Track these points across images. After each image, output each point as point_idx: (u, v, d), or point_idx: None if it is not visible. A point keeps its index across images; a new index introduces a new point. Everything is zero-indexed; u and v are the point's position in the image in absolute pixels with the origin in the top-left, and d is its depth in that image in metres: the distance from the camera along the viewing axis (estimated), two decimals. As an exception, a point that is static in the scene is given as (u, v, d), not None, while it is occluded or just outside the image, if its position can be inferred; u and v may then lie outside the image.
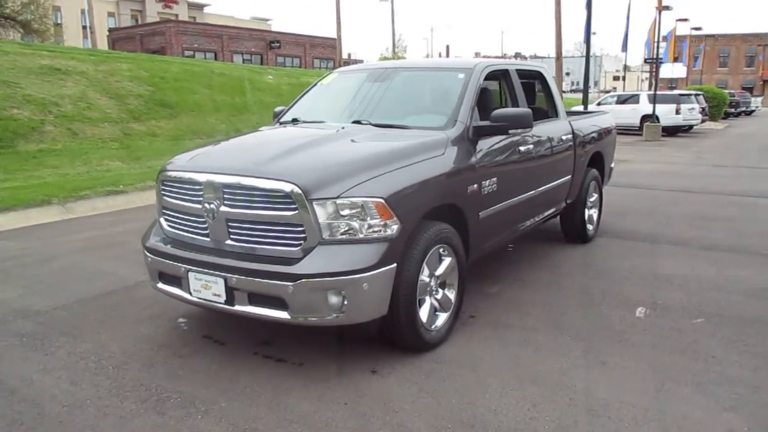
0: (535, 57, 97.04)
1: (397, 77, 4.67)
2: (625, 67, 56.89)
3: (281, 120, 4.82)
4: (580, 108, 13.88)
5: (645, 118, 21.33)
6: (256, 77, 21.35)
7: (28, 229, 7.46)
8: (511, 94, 4.81)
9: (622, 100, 23.55)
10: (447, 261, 3.78)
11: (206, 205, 3.42)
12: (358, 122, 4.23)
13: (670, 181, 10.68)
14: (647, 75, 56.93)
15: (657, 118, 21.03)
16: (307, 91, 5.14)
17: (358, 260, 3.16)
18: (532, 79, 5.55)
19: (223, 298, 3.35)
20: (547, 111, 5.52)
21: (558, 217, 6.14)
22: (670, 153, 16.13)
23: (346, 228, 3.19)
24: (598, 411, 2.99)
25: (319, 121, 4.46)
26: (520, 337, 3.90)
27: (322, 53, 48.10)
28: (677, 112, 21.67)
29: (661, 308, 4.39)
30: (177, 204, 3.63)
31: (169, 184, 3.68)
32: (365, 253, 3.19)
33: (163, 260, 3.65)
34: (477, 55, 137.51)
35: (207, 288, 3.41)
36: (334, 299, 3.16)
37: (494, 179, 4.17)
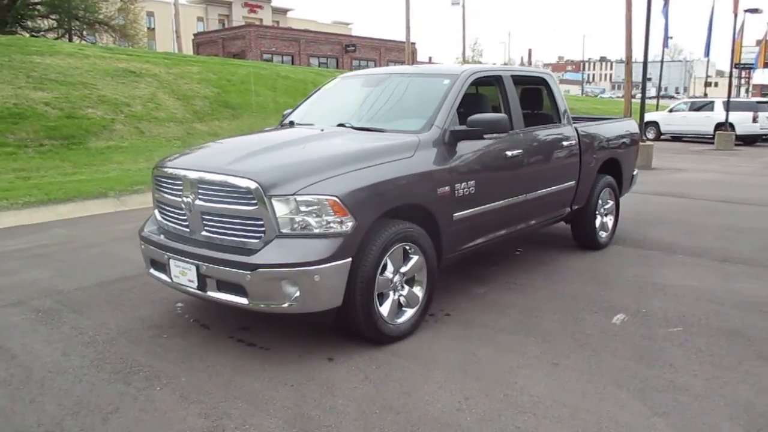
0: (620, 61, 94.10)
1: (388, 83, 4.87)
2: (718, 73, 54.21)
3: (283, 122, 5.13)
4: (607, 115, 13.53)
5: (719, 126, 20.36)
6: (319, 80, 21.95)
7: (82, 219, 8.15)
8: (504, 99, 4.90)
9: (696, 107, 22.55)
10: (414, 259, 3.95)
11: (185, 198, 3.76)
12: (342, 125, 4.47)
13: (720, 192, 10.27)
14: (742, 81, 53.97)
15: (732, 126, 20.04)
16: (311, 95, 5.42)
17: (311, 253, 3.39)
18: (536, 85, 5.60)
19: (195, 284, 3.67)
20: (549, 116, 5.55)
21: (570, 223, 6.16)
22: (736, 163, 15.39)
23: (302, 223, 3.43)
24: (527, 408, 3.09)
25: (310, 123, 4.73)
26: (486, 336, 4.00)
27: (397, 57, 48.58)
28: (754, 120, 20.55)
29: (643, 316, 4.37)
30: (164, 197, 3.99)
31: (159, 179, 4.05)
32: (318, 247, 3.41)
33: (153, 248, 4.02)
34: (560, 59, 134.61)
35: (183, 274, 3.74)
36: (288, 289, 3.40)
37: (472, 182, 4.29)
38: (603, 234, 6.27)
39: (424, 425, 2.92)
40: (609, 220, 6.37)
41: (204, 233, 3.72)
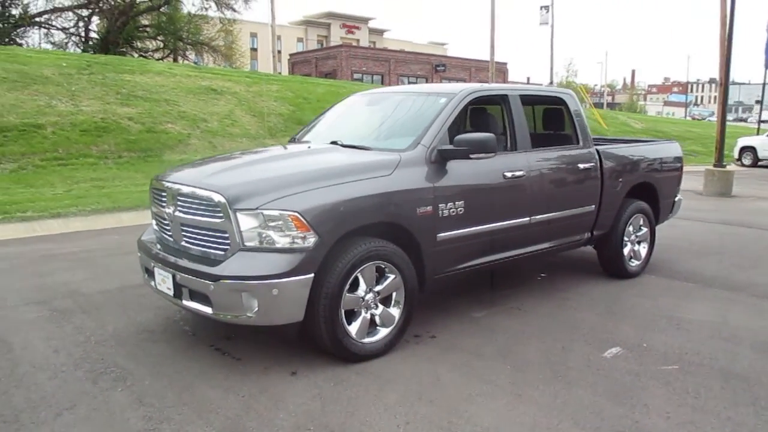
0: (734, 83, 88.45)
1: (390, 101, 4.89)
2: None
3: (292, 138, 5.25)
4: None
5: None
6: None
7: (140, 227, 8.63)
8: (509, 119, 4.78)
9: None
10: (390, 278, 3.92)
11: (167, 209, 3.94)
12: (334, 143, 4.52)
13: (800, 222, 9.42)
14: None
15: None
16: (325, 112, 5.52)
17: (270, 267, 3.45)
18: (553, 105, 5.41)
19: (172, 292, 3.82)
20: (567, 137, 5.34)
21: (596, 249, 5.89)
22: (835, 191, 14.06)
23: (265, 237, 3.50)
24: (465, 437, 2.98)
25: (306, 141, 4.82)
26: (462, 361, 3.89)
27: (487, 77, 48.26)
28: None
29: (641, 351, 4.09)
30: (156, 208, 4.19)
31: (153, 190, 4.26)
32: (278, 261, 3.47)
33: (145, 256, 4.22)
34: (666, 80, 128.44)
35: (164, 282, 3.90)
36: (248, 301, 3.48)
37: (460, 202, 4.21)
38: (635, 263, 5.93)
39: (351, 446, 2.89)
40: (642, 248, 6.02)
41: (183, 243, 3.88)
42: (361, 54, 43.20)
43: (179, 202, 3.83)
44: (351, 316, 3.81)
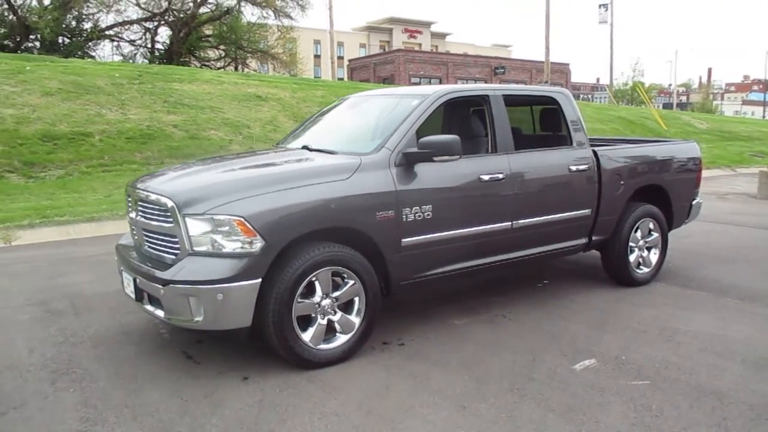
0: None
1: (368, 104, 4.82)
2: None
3: (278, 142, 5.27)
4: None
5: None
6: (445, 102, 21.98)
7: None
8: (490, 120, 4.62)
9: None
10: (349, 284, 3.85)
11: (131, 214, 4.02)
12: (305, 147, 4.50)
13: None
14: None
15: None
16: (314, 116, 5.50)
17: (215, 272, 3.45)
18: (544, 105, 5.19)
19: (134, 295, 3.89)
20: (560, 138, 5.11)
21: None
22: None
23: (212, 242, 3.50)
24: (389, 450, 2.88)
25: (283, 145, 4.81)
26: (421, 371, 3.77)
27: (549, 78, 47.18)
28: None
29: (616, 364, 3.85)
30: (128, 213, 4.28)
31: (126, 196, 4.36)
32: (223, 266, 3.46)
33: (118, 260, 4.32)
34: (745, 78, 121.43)
35: (128, 286, 3.98)
36: (195, 305, 3.49)
37: (428, 207, 4.09)
38: (643, 270, 5.61)
39: (268, 455, 2.85)
40: (652, 255, 5.68)
41: (145, 248, 3.94)
42: (418, 58, 43.20)
43: (140, 207, 3.90)
44: (308, 321, 3.77)
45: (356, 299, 3.91)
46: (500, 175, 4.48)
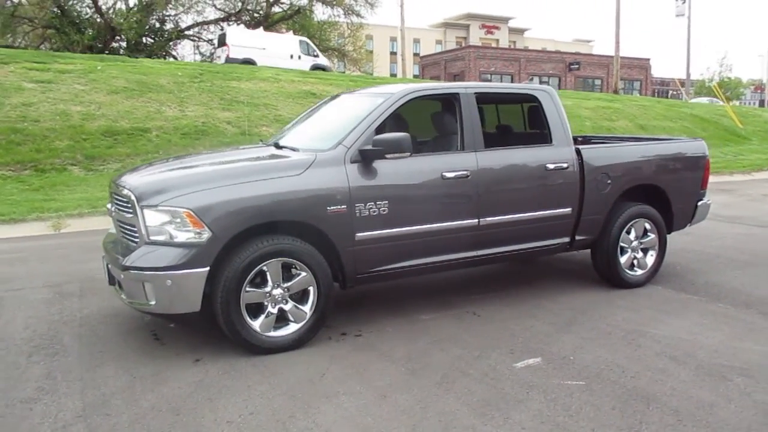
0: None
1: (344, 101, 4.97)
2: None
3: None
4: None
5: None
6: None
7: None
8: (459, 118, 4.66)
9: None
10: (301, 275, 4.03)
11: (109, 205, 4.36)
12: (275, 144, 4.71)
13: None
14: None
15: None
16: (303, 113, 5.70)
17: (164, 259, 3.72)
18: (523, 103, 5.16)
19: (107, 280, 4.24)
20: (540, 136, 5.07)
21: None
22: None
23: (165, 232, 3.77)
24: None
25: (257, 143, 5.05)
26: (362, 361, 3.90)
27: (628, 74, 45.41)
28: None
29: (561, 364, 3.84)
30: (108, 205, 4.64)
31: (108, 189, 4.71)
32: (172, 254, 3.72)
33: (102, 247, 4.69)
34: None
35: (105, 271, 4.33)
36: (148, 290, 3.77)
37: (384, 202, 4.20)
38: (638, 272, 5.47)
39: (180, 429, 3.07)
40: (648, 257, 5.52)
41: (120, 237, 4.27)
42: (489, 54, 42.69)
43: (115, 199, 4.24)
44: (260, 309, 3.98)
45: (311, 290, 4.08)
46: (465, 173, 4.52)
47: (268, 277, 3.95)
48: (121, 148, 12.77)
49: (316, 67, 26.06)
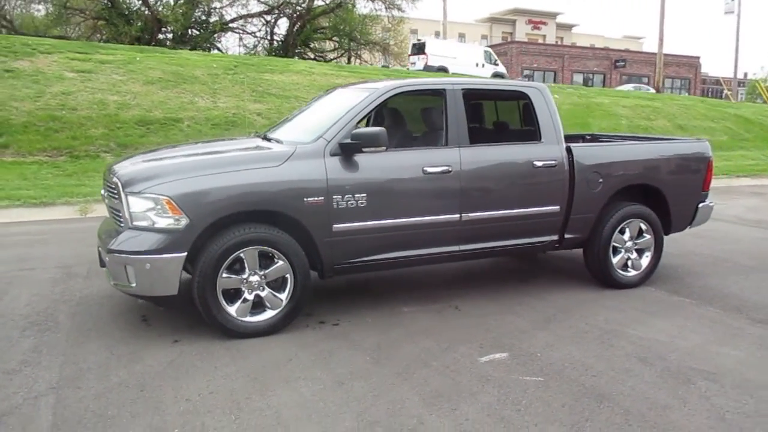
0: None
1: (334, 95, 5.07)
2: None
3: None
4: None
5: None
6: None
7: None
8: (445, 114, 4.70)
9: None
10: (278, 264, 4.17)
11: (102, 191, 4.57)
12: (264, 136, 4.84)
13: None
14: None
15: None
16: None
17: (144, 244, 3.90)
18: (513, 100, 5.15)
19: (99, 262, 4.46)
20: (530, 133, 5.06)
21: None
22: None
23: (147, 217, 3.95)
24: (232, 410, 3.17)
25: (267, 132, 5.20)
26: (331, 348, 4.00)
27: (676, 72, 44.13)
28: None
29: (526, 359, 3.87)
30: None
31: (103, 177, 4.92)
32: (151, 240, 3.90)
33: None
34: None
35: (99, 255, 4.55)
36: (130, 273, 3.96)
37: (362, 195, 4.29)
38: (632, 272, 5.42)
39: (140, 404, 3.23)
40: (643, 258, 5.46)
41: (112, 222, 4.49)
42: (533, 50, 42.11)
43: (107, 185, 4.44)
44: (237, 295, 4.13)
45: (288, 278, 4.21)
46: (447, 168, 4.57)
47: (246, 264, 4.10)
48: (153, 137, 13.17)
49: (495, 75, 29.53)
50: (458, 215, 4.64)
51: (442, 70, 26.77)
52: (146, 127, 13.41)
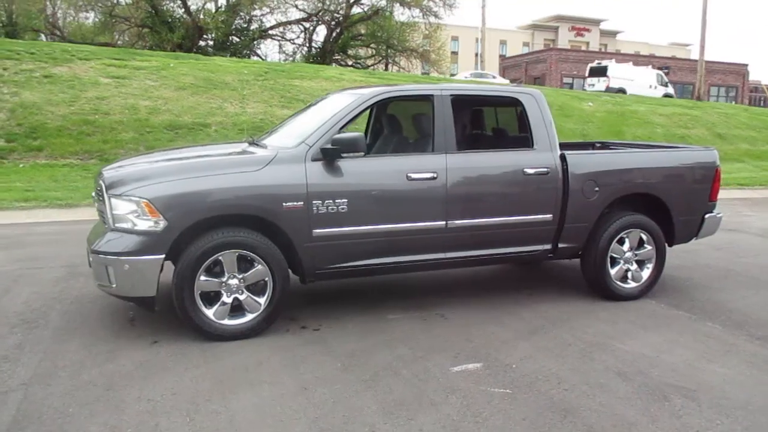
0: None
1: (324, 100, 5.08)
2: None
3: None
4: None
5: None
6: (573, 104, 21.07)
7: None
8: (432, 120, 4.66)
9: None
10: (256, 267, 4.19)
11: (93, 194, 4.69)
12: (251, 141, 4.89)
13: None
14: None
15: None
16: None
17: (123, 245, 3.98)
18: (507, 107, 5.06)
19: (88, 265, 4.56)
20: (518, 140, 4.97)
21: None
22: None
23: (128, 219, 4.03)
24: (188, 412, 3.19)
25: (240, 140, 5.24)
26: (306, 354, 3.99)
27: (721, 80, 42.72)
28: None
29: (499, 370, 3.79)
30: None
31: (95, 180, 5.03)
32: (129, 241, 3.98)
33: (93, 232, 5.04)
34: None
35: (87, 257, 4.66)
36: (110, 273, 4.05)
37: (343, 200, 4.28)
38: (631, 284, 5.26)
39: (102, 403, 3.29)
40: (644, 270, 5.29)
41: (103, 224, 4.59)
42: (572, 57, 41.42)
43: (97, 188, 4.55)
44: (217, 298, 4.17)
45: (267, 281, 4.23)
46: (433, 174, 4.52)
47: (224, 268, 4.13)
48: (181, 142, 13.44)
49: (665, 95, 32.52)
50: (444, 222, 4.59)
51: (621, 91, 29.52)
52: (175, 132, 13.71)
